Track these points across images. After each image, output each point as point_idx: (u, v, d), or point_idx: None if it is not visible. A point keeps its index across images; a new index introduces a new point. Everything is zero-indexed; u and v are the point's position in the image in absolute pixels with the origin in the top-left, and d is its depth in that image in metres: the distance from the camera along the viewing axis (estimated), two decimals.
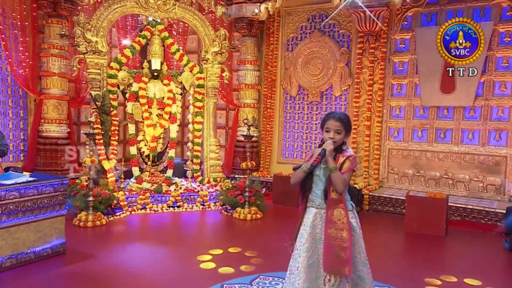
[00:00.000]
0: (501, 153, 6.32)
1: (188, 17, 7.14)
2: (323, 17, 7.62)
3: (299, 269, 2.76)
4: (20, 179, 4.05)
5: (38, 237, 4.13)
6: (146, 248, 4.73)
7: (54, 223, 4.27)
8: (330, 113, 2.90)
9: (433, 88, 6.66)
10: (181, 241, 5.14)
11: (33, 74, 6.84)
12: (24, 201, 3.97)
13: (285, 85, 8.07)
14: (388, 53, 7.05)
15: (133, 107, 6.79)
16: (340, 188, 2.71)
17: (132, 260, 4.32)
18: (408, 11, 6.82)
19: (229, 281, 3.77)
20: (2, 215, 3.81)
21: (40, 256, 4.14)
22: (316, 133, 7.85)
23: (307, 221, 2.84)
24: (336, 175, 2.70)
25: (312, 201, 2.87)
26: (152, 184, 6.63)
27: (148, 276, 3.91)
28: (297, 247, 2.85)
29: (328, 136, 2.79)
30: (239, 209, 6.06)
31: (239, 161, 8.13)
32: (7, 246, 3.87)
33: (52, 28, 6.82)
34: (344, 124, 2.79)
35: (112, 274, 3.94)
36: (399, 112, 7.06)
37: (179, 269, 4.14)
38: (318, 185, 2.84)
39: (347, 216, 2.74)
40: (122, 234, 5.32)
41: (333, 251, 2.70)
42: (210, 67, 7.25)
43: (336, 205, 2.75)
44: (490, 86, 6.36)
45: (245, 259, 4.32)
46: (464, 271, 4.13)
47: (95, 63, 6.53)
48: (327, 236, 2.72)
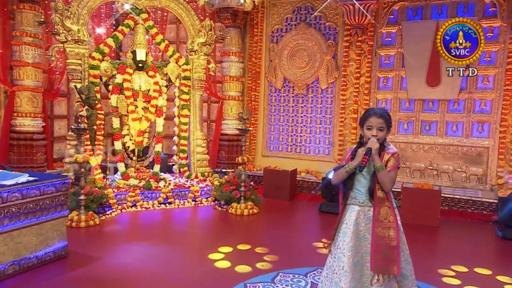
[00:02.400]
0: (483, 145, 6.68)
1: (172, 6, 6.94)
2: (309, 9, 7.68)
3: (344, 269, 2.75)
4: (20, 178, 3.80)
5: (40, 241, 3.91)
6: (150, 248, 4.58)
7: (56, 225, 4.05)
8: (370, 110, 2.90)
9: (419, 82, 6.91)
10: (185, 239, 5.05)
11: (4, 64, 6.43)
12: (27, 202, 3.74)
13: (270, 78, 8.07)
14: (375, 46, 7.22)
15: (118, 100, 6.54)
16: (388, 187, 2.73)
17: (140, 261, 4.17)
18: (395, 5, 7.02)
19: (250, 280, 3.74)
20: (5, 219, 3.56)
21: (43, 260, 3.93)
22: (301, 126, 7.93)
23: (350, 219, 2.82)
24: (384, 173, 2.71)
25: (355, 198, 2.85)
26: (139, 181, 6.43)
27: (162, 277, 3.81)
28: (340, 246, 2.82)
29: (371, 134, 2.77)
30: (234, 204, 6.03)
31: (224, 155, 8.11)
32: (9, 251, 3.64)
33: (24, 14, 6.43)
34: (386, 121, 2.79)
35: (122, 277, 3.80)
36: (386, 105, 7.27)
37: (194, 269, 4.05)
38: (362, 182, 2.83)
39: (393, 215, 2.75)
40: (120, 233, 5.14)
41: (381, 251, 2.70)
42: (196, 58, 7.11)
43: (382, 204, 2.76)
44: (473, 79, 6.70)
45: (258, 256, 4.31)
46: (470, 260, 4.34)
47: (76, 53, 6.20)
48: (375, 236, 2.72)
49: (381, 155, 2.77)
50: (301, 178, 7.40)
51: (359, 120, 2.91)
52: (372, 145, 2.71)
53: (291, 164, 7.59)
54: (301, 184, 7.34)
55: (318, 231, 5.56)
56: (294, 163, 7.68)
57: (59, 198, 4.06)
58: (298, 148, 8.00)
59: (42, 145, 6.79)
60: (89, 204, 5.30)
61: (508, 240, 5.13)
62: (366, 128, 2.81)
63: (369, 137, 2.77)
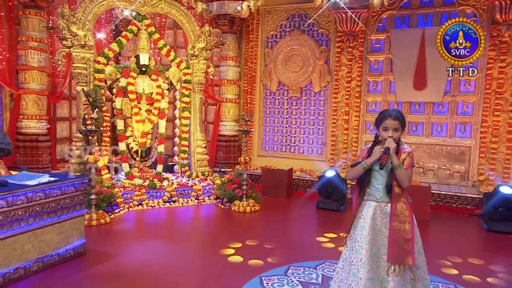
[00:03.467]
0: (465, 144, 6.94)
1: (174, 13, 6.96)
2: (302, 16, 7.82)
3: (362, 260, 2.83)
4: (42, 179, 3.80)
5: (61, 239, 3.92)
6: (163, 245, 4.61)
7: (75, 224, 4.07)
8: (385, 112, 2.96)
9: (406, 85, 7.13)
10: (195, 235, 5.12)
11: (10, 67, 6.36)
12: (49, 202, 3.75)
13: (265, 81, 8.17)
14: (365, 52, 7.40)
15: (122, 102, 6.54)
16: (406, 184, 2.84)
17: (156, 257, 4.20)
18: (383, 13, 7.20)
19: (264, 273, 3.81)
20: (29, 217, 3.57)
21: (64, 257, 3.94)
22: (295, 127, 8.05)
23: (367, 214, 2.91)
24: (401, 171, 2.82)
25: (372, 194, 2.95)
26: (144, 180, 6.44)
27: (180, 272, 3.86)
28: (358, 239, 2.91)
29: (387, 134, 2.87)
30: (237, 202, 6.10)
31: (222, 155, 8.17)
32: (34, 249, 3.65)
33: (30, 20, 6.40)
34: (401, 122, 2.91)
35: (142, 273, 3.83)
36: (375, 107, 7.47)
37: (209, 264, 4.12)
38: (379, 179, 2.93)
39: (408, 209, 2.86)
40: (131, 231, 5.17)
41: (397, 243, 2.80)
42: (196, 62, 7.14)
43: (399, 199, 2.86)
44: (456, 83, 6.95)
45: (267, 251, 4.40)
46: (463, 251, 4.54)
47: (81, 57, 6.17)
48: (392, 229, 2.81)
49: (398, 154, 2.87)
50: (297, 176, 7.52)
51: (375, 121, 2.99)
52: (390, 145, 2.81)
53: (286, 164, 7.71)
54: (296, 182, 7.47)
55: (319, 226, 5.66)
56: (289, 163, 7.80)
57: (78, 197, 4.08)
58: (292, 148, 8.13)
59: (47, 146, 6.75)
60: (100, 203, 5.31)
61: (493, 232, 5.36)
62: (382, 129, 2.91)
63: (385, 137, 2.87)
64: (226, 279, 3.73)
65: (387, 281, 2.86)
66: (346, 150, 7.58)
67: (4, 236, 3.36)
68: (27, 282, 3.52)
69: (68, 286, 3.53)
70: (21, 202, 3.47)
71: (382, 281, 2.89)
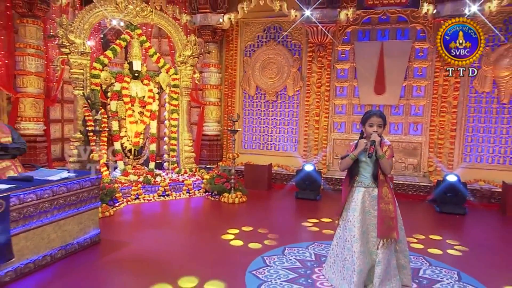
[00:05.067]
0: (417, 140, 7.52)
1: (163, 23, 7.07)
2: (277, 28, 8.13)
3: (355, 237, 3.15)
4: (61, 174, 3.87)
5: (80, 229, 4.01)
6: (167, 233, 4.73)
7: (91, 215, 4.16)
8: (370, 111, 3.30)
9: (368, 90, 7.61)
10: (194, 224, 5.26)
11: (8, 72, 6.23)
12: (70, 195, 3.83)
13: (244, 86, 8.41)
14: (333, 61, 7.82)
15: (117, 105, 6.57)
16: (388, 171, 3.20)
17: (164, 245, 4.32)
18: (348, 27, 7.65)
19: (265, 253, 4.03)
20: (54, 209, 3.65)
21: (82, 246, 4.03)
22: (272, 127, 8.36)
23: (358, 198, 3.23)
24: (385, 161, 3.18)
25: (361, 182, 3.27)
26: (138, 176, 6.51)
27: (189, 257, 3.99)
28: (350, 219, 3.23)
29: (372, 130, 3.21)
30: (226, 194, 6.32)
31: (206, 153, 8.33)
32: (58, 238, 3.73)
33: (27, 28, 6.32)
34: (384, 119, 3.26)
35: (153, 258, 3.93)
36: (342, 109, 7.90)
37: (214, 248, 4.25)
38: (366, 169, 3.27)
39: (391, 193, 3.21)
40: (135, 222, 5.25)
41: (384, 221, 3.13)
42: (184, 69, 7.27)
43: (383, 184, 3.20)
44: (409, 89, 7.51)
45: (262, 236, 4.62)
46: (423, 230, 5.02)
47: (79, 63, 6.16)
48: (380, 210, 3.13)
49: (381, 147, 3.21)
50: (275, 171, 7.82)
51: (361, 119, 3.32)
52: (375, 138, 3.16)
53: (264, 160, 8.00)
54: (274, 176, 7.77)
55: (302, 213, 5.90)
56: (266, 159, 8.09)
57: (94, 191, 4.17)
58: (269, 146, 8.42)
59: (44, 146, 6.66)
60: (103, 198, 5.35)
61: (444, 213, 5.92)
62: (368, 125, 3.23)
63: (371, 132, 3.22)
64: (233, 259, 3.92)
65: (375, 253, 3.19)
66: (317, 147, 7.97)
67: (34, 226, 3.43)
68: (54, 267, 3.59)
69: (90, 271, 3.62)
70: (48, 196, 3.55)
71: (371, 253, 3.23)
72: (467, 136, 7.28)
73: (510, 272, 3.79)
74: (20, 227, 3.27)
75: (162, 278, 3.41)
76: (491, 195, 6.68)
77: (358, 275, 3.13)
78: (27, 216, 3.34)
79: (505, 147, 7.10)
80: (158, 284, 3.29)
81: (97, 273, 3.56)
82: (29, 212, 3.35)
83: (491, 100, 7.14)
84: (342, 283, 3.26)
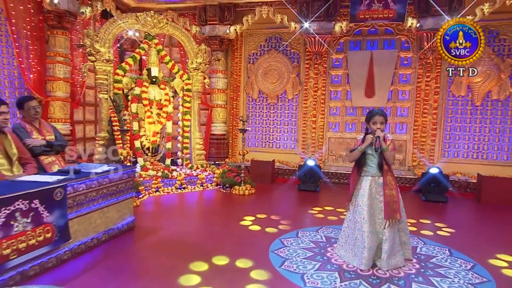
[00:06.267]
0: (403, 138, 7.84)
1: (177, 34, 7.24)
2: (278, 38, 8.37)
3: (364, 219, 3.40)
4: (103, 168, 4.03)
5: (119, 216, 4.17)
6: (191, 220, 4.92)
7: (127, 204, 4.32)
8: (373, 111, 3.55)
9: (359, 94, 7.90)
10: (213, 212, 5.41)
11: (40, 78, 6.32)
12: (111, 186, 4.00)
13: (248, 90, 8.63)
14: (328, 68, 8.10)
15: (138, 107, 6.72)
16: (391, 161, 3.47)
17: (191, 230, 4.49)
18: (341, 38, 7.94)
19: (282, 236, 4.24)
20: (99, 198, 3.82)
21: (121, 231, 4.19)
22: (273, 127, 8.59)
23: (366, 185, 3.48)
24: (388, 153, 3.44)
25: (368, 171, 3.53)
26: (156, 171, 6.67)
27: (216, 240, 4.12)
28: (360, 204, 3.47)
29: (376, 127, 3.48)
30: (237, 186, 6.52)
31: (214, 150, 8.51)
32: (102, 223, 3.89)
33: (57, 39, 6.40)
34: (385, 118, 3.53)
35: (184, 241, 4.06)
36: (336, 111, 8.18)
37: (236, 232, 4.41)
38: (373, 160, 3.53)
39: (393, 180, 3.48)
40: (160, 211, 5.38)
41: (389, 204, 3.39)
42: (195, 74, 7.46)
43: (387, 173, 3.47)
44: (396, 93, 7.83)
45: (276, 221, 4.81)
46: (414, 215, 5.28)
47: (103, 70, 6.32)
48: (385, 195, 3.38)
49: (384, 141, 3.50)
50: (277, 166, 8.05)
51: (366, 118, 3.58)
52: (379, 134, 3.43)
53: (265, 157, 8.22)
54: (277, 171, 8.00)
55: (306, 202, 6.04)
56: (268, 156, 8.32)
57: (129, 182, 4.34)
58: (270, 144, 8.65)
59: (71, 145, 6.74)
60: None
61: (428, 201, 6.23)
62: (372, 123, 3.50)
63: (375, 129, 3.48)
64: (255, 242, 4.10)
65: (382, 233, 3.45)
66: (315, 144, 8.23)
67: (85, 212, 3.60)
68: (99, 249, 3.75)
69: (132, 252, 3.78)
70: (95, 186, 3.72)
71: (378, 233, 3.48)
72: (446, 134, 7.64)
73: (490, 247, 4.10)
74: (73, 213, 3.44)
75: (197, 257, 3.59)
76: (467, 186, 7.04)
77: (368, 251, 3.39)
78: (79, 203, 3.51)
79: (478, 144, 7.48)
80: (195, 262, 3.48)
81: (138, 254, 3.74)
82: (81, 200, 3.52)
83: (466, 102, 7.51)
84: (354, 259, 3.51)
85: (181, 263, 3.45)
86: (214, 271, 3.31)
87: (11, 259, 2.73)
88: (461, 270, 3.48)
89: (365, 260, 3.39)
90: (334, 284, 3.10)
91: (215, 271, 3.31)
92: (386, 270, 3.37)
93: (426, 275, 3.35)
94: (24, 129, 4.05)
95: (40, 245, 3.00)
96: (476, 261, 3.70)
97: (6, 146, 3.48)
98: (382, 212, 3.45)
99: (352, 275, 3.28)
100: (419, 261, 3.65)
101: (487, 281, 3.27)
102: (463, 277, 3.32)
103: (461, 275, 3.36)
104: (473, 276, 3.36)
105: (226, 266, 3.42)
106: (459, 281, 3.24)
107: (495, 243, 4.28)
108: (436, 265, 3.58)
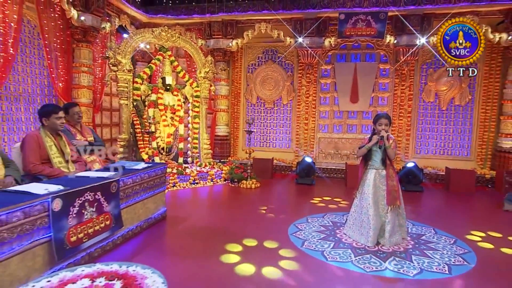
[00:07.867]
0: None
1: (187, 46, 7.39)
2: (274, 51, 8.64)
3: (370, 204, 3.72)
4: (142, 165, 4.18)
5: (155, 207, 4.32)
6: (212, 210, 5.04)
7: (161, 196, 4.47)
8: (379, 114, 3.86)
9: (345, 100, 8.29)
10: (229, 204, 5.53)
11: (68, 86, 6.36)
12: (149, 180, 4.16)
13: (247, 96, 8.86)
14: (318, 77, 8.44)
15: (154, 112, 6.84)
16: (392, 157, 3.79)
17: (213, 218, 4.63)
18: (329, 51, 8.30)
19: (295, 222, 4.48)
20: (141, 191, 3.98)
21: (156, 220, 4.34)
22: (270, 129, 8.85)
23: (371, 176, 3.79)
24: (390, 150, 3.77)
25: (373, 165, 3.84)
26: (171, 169, 6.81)
27: (237, 226, 4.28)
28: (365, 192, 3.78)
29: (381, 128, 3.82)
30: (244, 181, 6.74)
31: (218, 150, 8.69)
32: (143, 213, 4.05)
33: (82, 51, 6.47)
34: (390, 120, 3.86)
35: (209, 227, 4.20)
36: (325, 115, 8.53)
37: (255, 219, 4.58)
38: (377, 156, 3.84)
39: (394, 172, 3.81)
40: (183, 202, 5.48)
41: (391, 193, 3.72)
42: (203, 83, 7.63)
43: (389, 167, 3.80)
44: (376, 99, 8.26)
45: (286, 210, 5.04)
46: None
47: (124, 78, 6.41)
48: (388, 185, 3.72)
49: (388, 140, 3.82)
50: (275, 163, 8.32)
51: (373, 120, 3.90)
52: (384, 134, 3.76)
53: (263, 155, 8.48)
54: (274, 168, 8.27)
55: (306, 194, 6.24)
56: (265, 154, 8.58)
57: (162, 178, 4.49)
58: (267, 143, 8.91)
59: None
60: None
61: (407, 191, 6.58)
62: (378, 124, 3.82)
63: (380, 130, 3.81)
64: (273, 226, 4.31)
65: (384, 216, 3.78)
66: (307, 144, 8.55)
67: (131, 204, 3.76)
68: (143, 235, 3.90)
69: (170, 237, 3.91)
70: (138, 180, 3.88)
71: (381, 216, 3.80)
72: (418, 134, 8.13)
73: (464, 226, 4.52)
74: (124, 203, 3.59)
75: (230, 240, 3.80)
76: (437, 177, 7.53)
77: (373, 231, 3.71)
78: (127, 195, 3.67)
79: (445, 142, 8.01)
80: (229, 244, 3.70)
81: (176, 238, 3.90)
82: (128, 192, 3.68)
83: (434, 107, 8.02)
84: (361, 237, 3.82)
85: (217, 245, 3.65)
86: (248, 251, 3.54)
87: (84, 242, 2.87)
88: (446, 244, 3.86)
89: (371, 238, 3.70)
90: (350, 258, 3.40)
91: (248, 251, 3.54)
92: (388, 247, 3.70)
93: (421, 249, 3.70)
94: (69, 132, 4.16)
95: (102, 230, 3.15)
96: (456, 237, 4.09)
97: (62, 147, 3.59)
98: (384, 199, 3.77)
99: (362, 251, 3.59)
100: (413, 239, 4.01)
101: (468, 252, 3.66)
102: (449, 249, 3.70)
103: (447, 248, 3.74)
104: (457, 248, 3.75)
105: (257, 247, 3.65)
106: (447, 253, 3.61)
107: (467, 223, 4.70)
108: (426, 241, 3.94)
